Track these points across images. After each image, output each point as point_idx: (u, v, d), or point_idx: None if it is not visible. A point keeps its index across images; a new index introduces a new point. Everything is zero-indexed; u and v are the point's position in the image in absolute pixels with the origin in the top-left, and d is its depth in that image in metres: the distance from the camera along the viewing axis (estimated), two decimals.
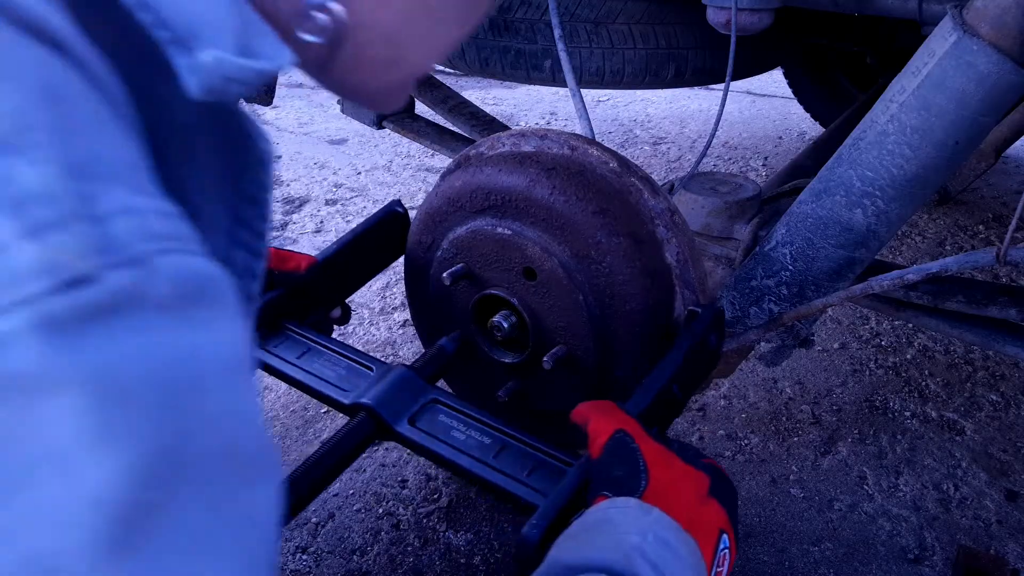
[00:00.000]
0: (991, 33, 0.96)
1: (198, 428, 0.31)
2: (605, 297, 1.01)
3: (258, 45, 0.39)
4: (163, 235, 0.31)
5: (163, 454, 0.29)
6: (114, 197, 0.29)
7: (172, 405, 0.30)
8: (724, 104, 1.33)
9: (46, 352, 0.26)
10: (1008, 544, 1.40)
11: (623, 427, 0.79)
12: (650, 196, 1.05)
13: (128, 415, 0.28)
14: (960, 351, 1.92)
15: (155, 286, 0.29)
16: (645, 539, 0.65)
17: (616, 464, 0.76)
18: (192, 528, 0.30)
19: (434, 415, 0.95)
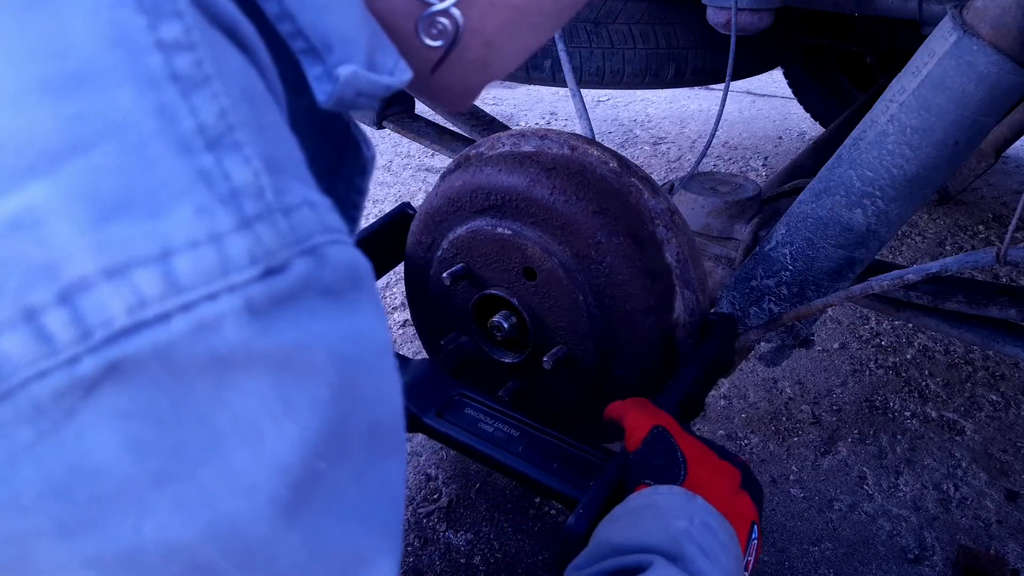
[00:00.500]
0: (991, 33, 0.96)
1: (361, 403, 0.34)
2: (605, 297, 1.01)
3: (382, 59, 0.41)
4: (332, 227, 0.33)
5: (333, 426, 0.32)
6: (297, 191, 0.32)
7: (343, 382, 0.32)
8: (724, 104, 1.33)
9: (246, 333, 0.28)
10: (1008, 544, 1.40)
11: (660, 422, 0.82)
12: (650, 196, 1.05)
13: (309, 390, 0.31)
14: (960, 351, 1.92)
15: (326, 273, 0.32)
16: (692, 523, 0.68)
17: (656, 455, 0.79)
18: (343, 494, 0.33)
19: (460, 408, 0.96)
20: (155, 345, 0.27)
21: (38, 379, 0.26)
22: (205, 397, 0.28)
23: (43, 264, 0.26)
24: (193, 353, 0.27)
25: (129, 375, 0.26)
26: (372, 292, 0.36)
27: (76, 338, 0.26)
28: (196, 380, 0.28)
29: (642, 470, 0.78)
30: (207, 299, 0.28)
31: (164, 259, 0.27)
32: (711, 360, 1.00)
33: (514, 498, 1.50)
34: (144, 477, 0.27)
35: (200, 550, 0.28)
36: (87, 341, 0.26)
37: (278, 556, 0.30)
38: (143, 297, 0.27)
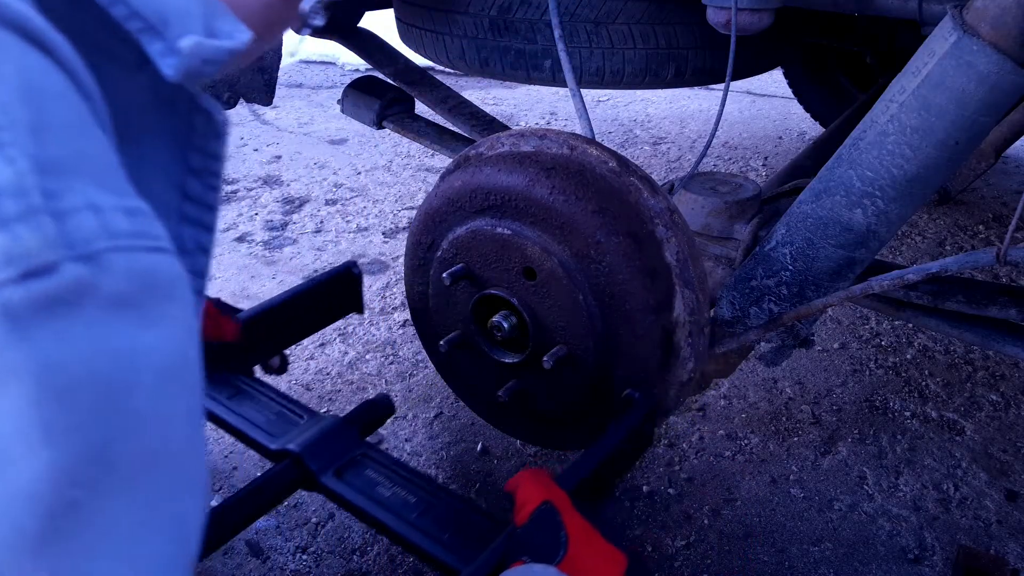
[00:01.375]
0: (991, 33, 0.96)
1: (131, 429, 0.31)
2: (605, 296, 1.01)
3: (220, 25, 0.41)
4: (124, 233, 0.31)
5: (93, 454, 0.30)
6: (80, 194, 0.30)
7: (109, 406, 0.30)
8: (724, 104, 1.33)
9: (1, 341, 0.27)
10: (1008, 544, 1.40)
11: (552, 498, 0.80)
12: (649, 195, 1.05)
13: (67, 413, 0.29)
14: (960, 351, 1.92)
15: (108, 282, 0.30)
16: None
17: (538, 532, 0.78)
18: (111, 528, 0.31)
19: (361, 469, 0.94)
20: None
21: None
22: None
23: None
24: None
25: None
26: (173, 302, 0.33)
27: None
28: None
29: (521, 546, 0.77)
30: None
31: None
32: (624, 440, 0.96)
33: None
34: None
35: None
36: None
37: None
38: None
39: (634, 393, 1.02)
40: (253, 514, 0.90)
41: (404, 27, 1.97)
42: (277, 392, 1.05)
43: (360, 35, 2.17)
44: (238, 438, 1.00)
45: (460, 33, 1.80)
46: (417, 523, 0.88)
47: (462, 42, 1.81)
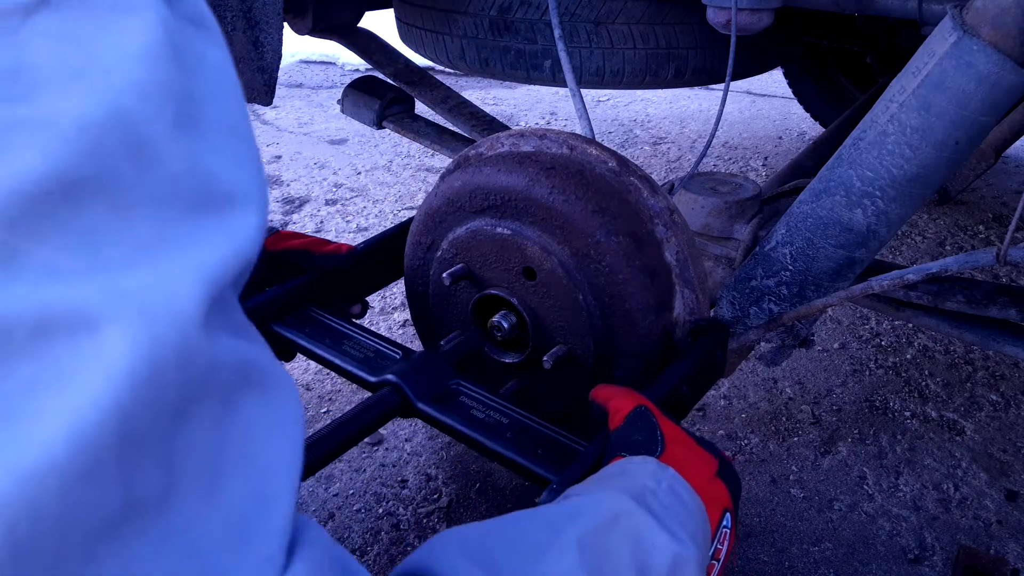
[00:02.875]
0: (991, 33, 0.96)
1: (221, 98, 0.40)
2: (605, 296, 1.01)
3: None
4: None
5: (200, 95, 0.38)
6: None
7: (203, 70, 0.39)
8: (724, 104, 1.33)
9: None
10: (1008, 544, 1.40)
11: (644, 404, 0.83)
12: (649, 195, 1.05)
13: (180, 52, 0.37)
14: (960, 351, 1.92)
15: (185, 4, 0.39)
16: (659, 486, 0.68)
17: (635, 431, 0.80)
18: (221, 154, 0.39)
19: (455, 397, 0.98)
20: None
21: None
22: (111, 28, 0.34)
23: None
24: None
25: (56, 6, 0.33)
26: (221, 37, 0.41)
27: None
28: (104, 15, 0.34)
29: (620, 444, 0.79)
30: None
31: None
32: (699, 362, 1.00)
33: (514, 498, 1.50)
34: (66, 72, 0.33)
35: (104, 131, 0.33)
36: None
37: (163, 161, 0.35)
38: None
39: (703, 322, 1.05)
40: (355, 436, 0.94)
41: (404, 27, 1.97)
42: (373, 332, 1.11)
43: (360, 35, 2.17)
44: (341, 374, 1.06)
45: (460, 33, 1.80)
46: (511, 440, 0.92)
47: (462, 42, 1.81)
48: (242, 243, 0.37)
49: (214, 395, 0.35)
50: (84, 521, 0.30)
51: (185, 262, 0.34)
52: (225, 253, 0.36)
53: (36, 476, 0.29)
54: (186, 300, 0.33)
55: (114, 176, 0.33)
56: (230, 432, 0.36)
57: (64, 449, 0.29)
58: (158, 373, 0.32)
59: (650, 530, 0.61)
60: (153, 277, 0.33)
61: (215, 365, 0.35)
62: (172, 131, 0.35)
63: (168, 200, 0.34)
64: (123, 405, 0.31)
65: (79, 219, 0.32)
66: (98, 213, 0.32)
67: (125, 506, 0.31)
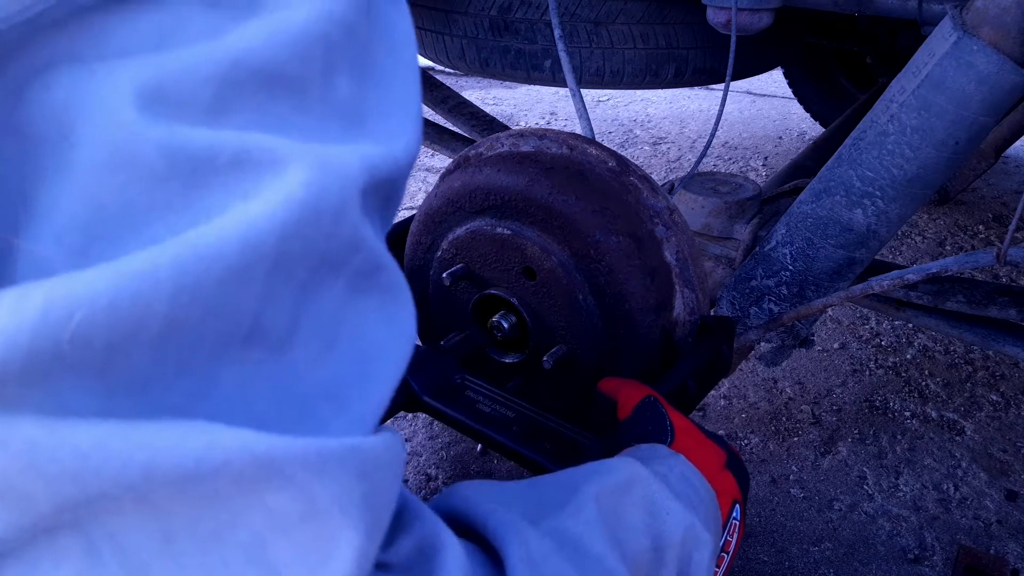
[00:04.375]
0: (991, 34, 0.96)
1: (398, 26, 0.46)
2: (605, 296, 1.01)
3: None
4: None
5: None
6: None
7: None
8: (724, 104, 1.33)
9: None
10: (1008, 544, 1.40)
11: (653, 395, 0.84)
12: (649, 195, 1.05)
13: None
14: (960, 351, 1.92)
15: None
16: (671, 471, 0.68)
17: (644, 421, 0.80)
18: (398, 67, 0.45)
19: (461, 391, 0.99)
20: None
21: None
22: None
23: None
24: None
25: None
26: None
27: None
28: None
29: (631, 434, 0.79)
30: None
31: None
32: (706, 358, 1.01)
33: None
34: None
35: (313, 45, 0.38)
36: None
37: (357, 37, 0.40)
38: None
39: (710, 319, 1.05)
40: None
41: None
42: None
43: None
44: None
45: (460, 33, 1.80)
46: (518, 434, 0.92)
47: (462, 42, 1.81)
48: (396, 150, 0.42)
49: (348, 272, 0.39)
50: (225, 322, 0.34)
51: (352, 148, 0.39)
52: (380, 152, 0.40)
53: (208, 256, 0.32)
54: (351, 171, 0.38)
55: (306, 83, 0.38)
56: (353, 312, 0.40)
57: (234, 242, 0.33)
58: (318, 216, 0.36)
59: (664, 499, 0.61)
60: (329, 147, 0.38)
61: (357, 244, 0.39)
62: (352, 62, 0.40)
63: (336, 112, 0.39)
64: (286, 229, 0.34)
65: (273, 104, 0.37)
66: (286, 106, 0.37)
67: (255, 330, 0.35)
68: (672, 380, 0.95)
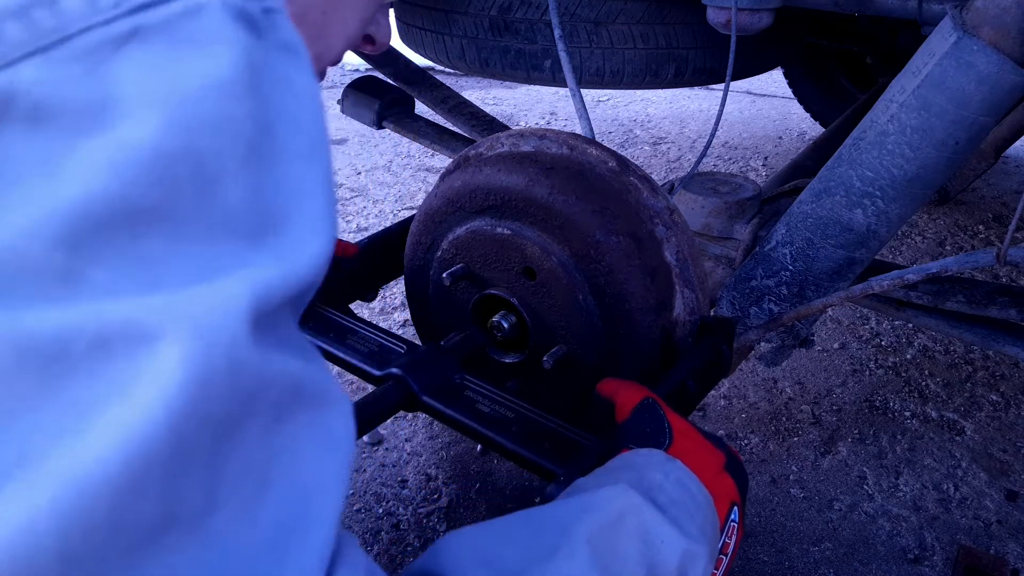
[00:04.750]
0: (991, 33, 0.96)
1: (299, 125, 0.41)
2: (605, 296, 1.01)
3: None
4: (280, 6, 0.41)
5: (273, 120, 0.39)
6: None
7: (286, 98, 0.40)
8: (724, 104, 1.33)
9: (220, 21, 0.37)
10: (1008, 544, 1.40)
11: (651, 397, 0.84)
12: (649, 195, 1.05)
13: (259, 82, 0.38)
14: (960, 351, 1.92)
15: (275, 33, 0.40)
16: (667, 478, 0.68)
17: (642, 424, 0.80)
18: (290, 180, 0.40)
19: (460, 391, 0.99)
20: (163, 18, 0.35)
21: (87, 31, 0.34)
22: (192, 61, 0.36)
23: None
24: (186, 28, 0.36)
25: (144, 39, 0.35)
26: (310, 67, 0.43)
27: (112, 4, 0.35)
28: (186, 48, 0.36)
29: (627, 436, 0.79)
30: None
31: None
32: (706, 358, 1.01)
33: (513, 498, 1.50)
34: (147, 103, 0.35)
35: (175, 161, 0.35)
36: (119, 8, 0.35)
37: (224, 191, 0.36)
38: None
39: (709, 319, 1.05)
40: (360, 429, 0.94)
41: (404, 27, 1.97)
42: (377, 327, 1.11)
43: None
44: (346, 368, 1.06)
45: (460, 33, 1.80)
46: (517, 434, 0.92)
47: (462, 42, 1.81)
48: (298, 266, 0.38)
49: (262, 412, 0.36)
50: (129, 530, 0.31)
51: (235, 284, 0.35)
52: (276, 275, 0.37)
53: (91, 486, 0.30)
54: (235, 319, 0.34)
55: (175, 206, 0.34)
56: (277, 449, 0.37)
57: (118, 460, 0.31)
58: (208, 388, 0.33)
59: (658, 526, 0.61)
60: (204, 297, 0.34)
61: (264, 382, 0.36)
62: (239, 164, 0.36)
63: (225, 229, 0.36)
64: (174, 419, 0.32)
65: (137, 246, 0.33)
66: (156, 242, 0.34)
67: (167, 517, 0.32)
68: (672, 380, 0.95)
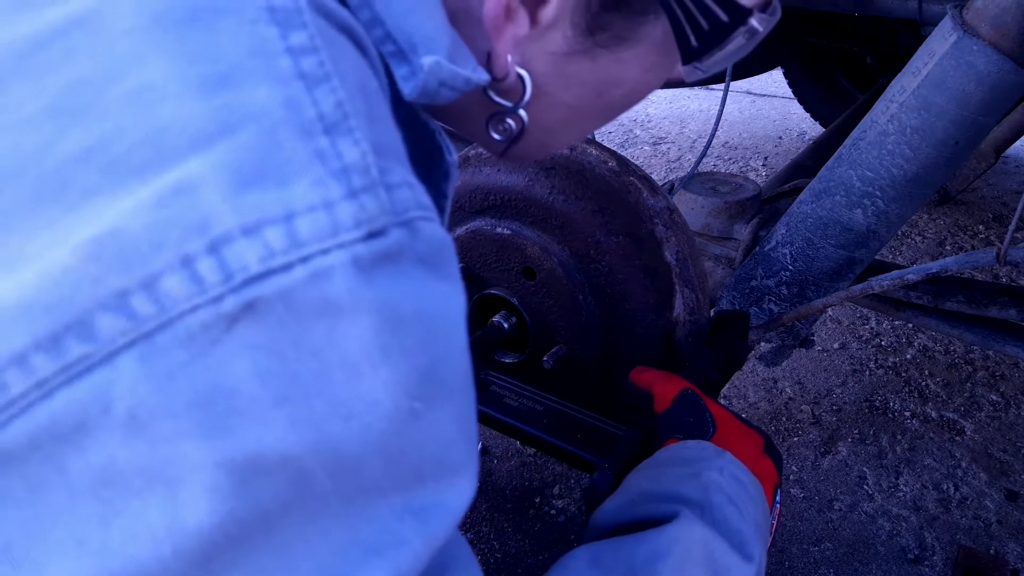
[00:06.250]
0: (991, 33, 0.96)
1: (448, 357, 0.38)
2: (605, 296, 1.01)
3: (463, 59, 0.46)
4: (425, 206, 0.38)
5: (423, 372, 0.36)
6: (398, 172, 0.37)
7: (431, 336, 0.37)
8: (724, 104, 1.33)
9: (352, 284, 0.34)
10: (1008, 544, 1.40)
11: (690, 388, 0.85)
12: (649, 195, 1.05)
13: (400, 338, 0.35)
14: (960, 351, 1.92)
15: (419, 245, 0.37)
16: (722, 475, 0.69)
17: (685, 413, 0.81)
18: (442, 431, 0.38)
19: (486, 386, 0.99)
20: (280, 289, 0.33)
21: (191, 312, 0.32)
22: (319, 337, 0.33)
23: (197, 222, 0.32)
24: (309, 297, 0.33)
25: (260, 314, 0.32)
26: (455, 266, 0.41)
27: (221, 280, 0.32)
28: (312, 322, 0.33)
29: (672, 427, 0.80)
30: (321, 253, 0.33)
31: (288, 220, 0.33)
32: (725, 350, 1.03)
33: (514, 498, 1.50)
34: (268, 398, 0.33)
35: (305, 461, 0.33)
36: (229, 283, 0.32)
37: (363, 469, 0.35)
38: (272, 250, 0.33)
39: (724, 313, 1.07)
40: None
41: None
42: None
43: None
44: None
45: None
46: (549, 427, 0.93)
47: None
48: (447, 519, 0.38)
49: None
50: None
51: (379, 570, 0.36)
52: (419, 545, 0.37)
53: None
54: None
55: (310, 493, 0.34)
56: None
57: None
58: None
59: (723, 554, 0.63)
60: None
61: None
62: (378, 439, 0.35)
63: (363, 495, 0.36)
64: None
65: (274, 541, 0.34)
66: (292, 531, 0.34)
67: None
68: (698, 371, 0.96)
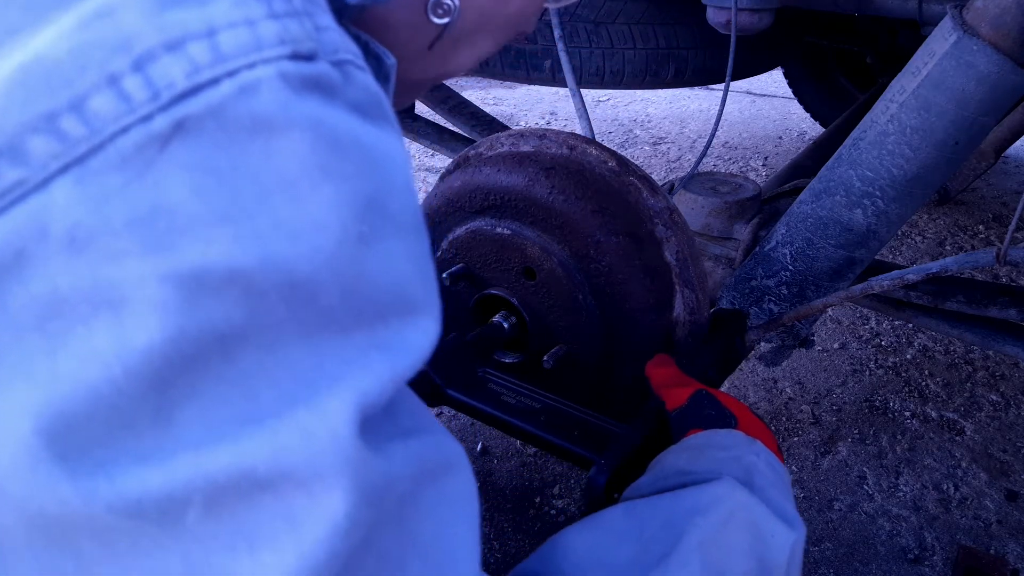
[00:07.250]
0: (991, 33, 0.96)
1: (393, 192, 0.37)
2: (604, 296, 1.01)
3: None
4: (358, 54, 0.38)
5: (370, 199, 0.36)
6: (326, 19, 0.37)
7: (374, 165, 0.36)
8: (724, 104, 1.33)
9: (281, 98, 0.33)
10: (1008, 544, 1.40)
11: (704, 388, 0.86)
12: (649, 195, 1.05)
13: (341, 163, 0.35)
14: (960, 351, 1.92)
15: (353, 91, 0.36)
16: (759, 458, 0.70)
17: (703, 408, 0.82)
18: (395, 264, 0.37)
19: (484, 383, 1.00)
20: (209, 105, 0.32)
21: (123, 134, 0.31)
22: (255, 155, 0.33)
23: (120, 41, 0.32)
24: (239, 113, 0.32)
25: (193, 133, 0.32)
26: (394, 121, 0.39)
27: (148, 98, 0.32)
28: (246, 139, 0.33)
29: (691, 420, 0.80)
30: (247, 67, 0.33)
31: (211, 35, 0.33)
32: (723, 348, 1.03)
33: (514, 498, 1.50)
34: (209, 215, 0.32)
35: (254, 278, 0.32)
36: (157, 101, 0.32)
37: (318, 296, 0.34)
38: (197, 64, 0.32)
39: (722, 312, 1.07)
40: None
41: None
42: None
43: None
44: None
45: None
46: (546, 424, 0.93)
47: None
48: (411, 356, 0.37)
49: (391, 509, 0.37)
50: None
51: (341, 396, 0.34)
52: (385, 374, 0.36)
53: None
54: (347, 439, 0.34)
55: (265, 318, 0.33)
56: (410, 536, 0.38)
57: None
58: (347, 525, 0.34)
59: (766, 520, 0.63)
60: (312, 419, 0.34)
61: (390, 482, 0.36)
62: (329, 262, 0.34)
63: (323, 329, 0.34)
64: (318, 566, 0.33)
65: (233, 368, 0.33)
66: (251, 358, 0.33)
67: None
68: (697, 370, 0.96)
